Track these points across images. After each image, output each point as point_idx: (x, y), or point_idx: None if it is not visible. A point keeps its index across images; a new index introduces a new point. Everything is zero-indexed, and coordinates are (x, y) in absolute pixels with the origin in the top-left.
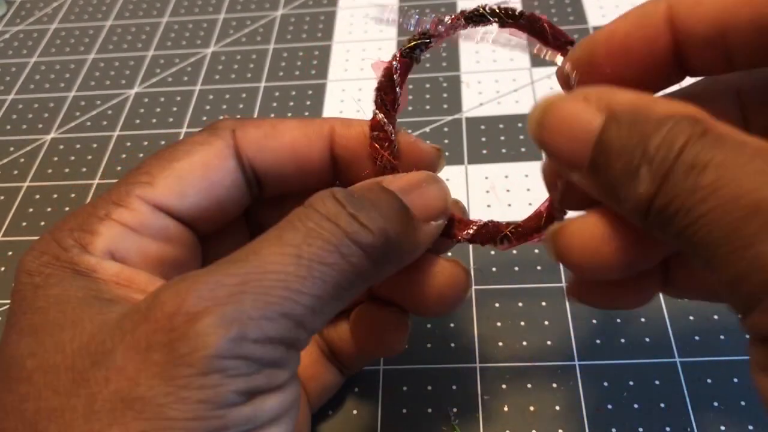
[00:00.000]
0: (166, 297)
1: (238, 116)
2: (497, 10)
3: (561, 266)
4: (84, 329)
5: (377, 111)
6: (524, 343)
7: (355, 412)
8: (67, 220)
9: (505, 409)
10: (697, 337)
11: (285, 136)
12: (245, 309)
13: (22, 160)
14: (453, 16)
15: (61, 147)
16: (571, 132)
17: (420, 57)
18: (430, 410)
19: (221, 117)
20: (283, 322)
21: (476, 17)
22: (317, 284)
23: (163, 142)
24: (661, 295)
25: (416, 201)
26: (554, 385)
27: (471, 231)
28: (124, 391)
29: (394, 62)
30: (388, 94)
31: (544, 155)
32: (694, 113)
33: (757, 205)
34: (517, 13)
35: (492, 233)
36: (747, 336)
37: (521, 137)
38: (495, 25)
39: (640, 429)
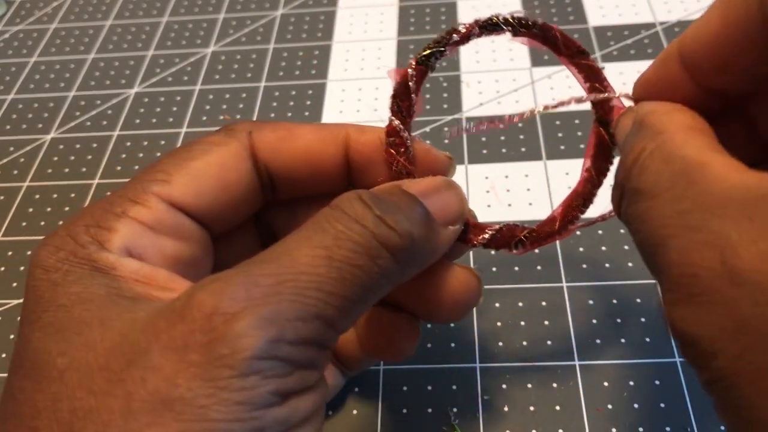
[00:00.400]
0: (203, 297)
1: (238, 116)
2: (510, 20)
3: (561, 266)
4: (113, 328)
5: (393, 117)
6: (524, 343)
7: (355, 412)
8: (82, 217)
9: (506, 409)
10: None
11: (301, 140)
12: (282, 310)
13: (22, 159)
14: (467, 25)
15: (61, 147)
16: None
17: (435, 65)
18: (430, 410)
19: (221, 117)
20: (317, 324)
21: (490, 26)
22: (348, 286)
23: (163, 142)
24: (660, 295)
25: (435, 205)
26: (554, 385)
27: (486, 236)
28: (162, 391)
29: (409, 69)
30: (404, 101)
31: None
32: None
33: None
34: (530, 23)
35: (507, 238)
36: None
37: (521, 137)
38: (508, 34)
39: (640, 429)
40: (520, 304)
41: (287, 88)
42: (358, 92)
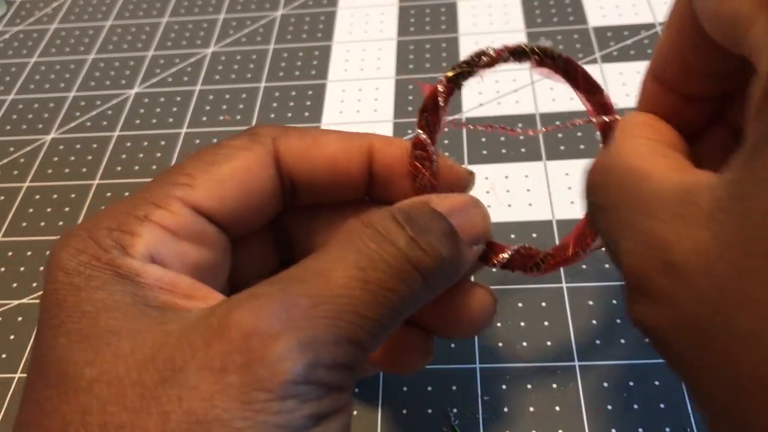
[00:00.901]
0: (240, 316)
1: (238, 117)
2: (537, 49)
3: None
4: (143, 340)
5: (421, 131)
6: (524, 343)
7: (355, 412)
8: (103, 218)
9: (505, 409)
10: None
11: (326, 149)
12: (319, 334)
13: (22, 160)
14: (497, 50)
15: (61, 147)
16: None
17: (462, 84)
18: (430, 411)
19: (221, 117)
20: (350, 348)
21: (519, 53)
22: (380, 309)
23: (163, 143)
24: None
25: (461, 224)
26: (554, 386)
27: (506, 256)
28: (199, 412)
29: (439, 86)
30: (432, 116)
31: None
32: None
33: None
34: (555, 55)
35: (524, 260)
36: None
37: (521, 137)
38: (534, 62)
39: (640, 429)
40: (520, 304)
41: (287, 89)
42: (358, 92)
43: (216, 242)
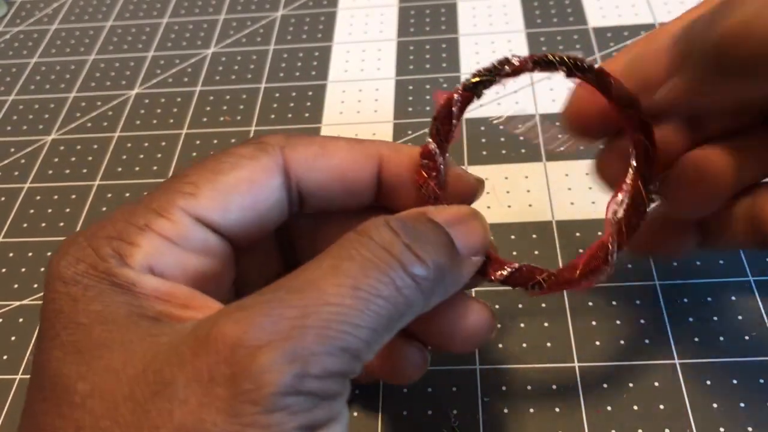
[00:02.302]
0: (227, 327)
1: (239, 118)
2: (566, 59)
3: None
4: (135, 353)
5: (430, 140)
6: (524, 345)
7: (355, 414)
8: (103, 226)
9: (505, 410)
10: (696, 339)
11: (335, 157)
12: (307, 344)
13: (22, 161)
14: (521, 59)
15: (62, 148)
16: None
17: (482, 93)
18: (430, 412)
19: (221, 118)
20: (343, 356)
21: (544, 63)
22: (373, 317)
23: (163, 143)
24: (661, 297)
25: (460, 235)
26: (554, 387)
27: (505, 272)
28: (188, 425)
29: (455, 94)
30: (444, 124)
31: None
32: None
33: None
34: (586, 66)
35: (525, 278)
36: None
37: (521, 138)
38: (562, 74)
39: (640, 430)
40: (520, 306)
41: (287, 89)
42: (358, 93)
43: (218, 252)
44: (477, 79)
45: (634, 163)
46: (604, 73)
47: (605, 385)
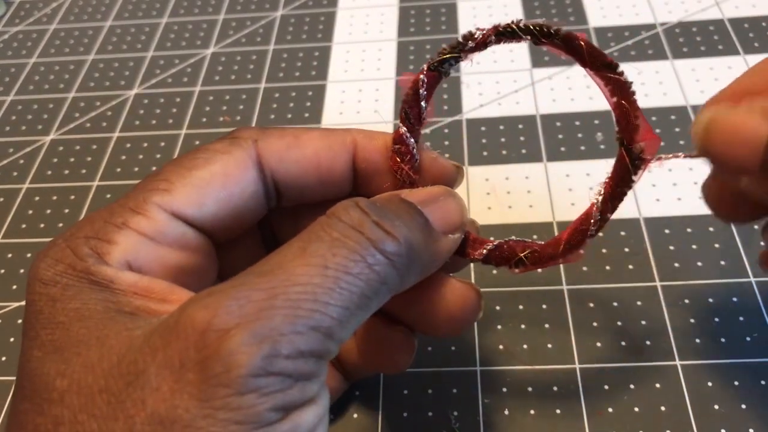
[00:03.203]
0: (195, 313)
1: (238, 118)
2: (531, 27)
3: (561, 269)
4: (111, 347)
5: (401, 124)
6: (525, 346)
7: (355, 415)
8: (82, 227)
9: (506, 412)
10: (697, 340)
11: (308, 147)
12: (276, 324)
13: (21, 161)
14: (485, 32)
15: (61, 148)
16: (740, 139)
17: (449, 71)
18: (430, 414)
19: (221, 119)
20: (314, 335)
21: (509, 33)
22: (344, 295)
23: (162, 144)
24: (662, 298)
25: (434, 213)
26: (555, 389)
27: (485, 251)
28: (161, 413)
29: (421, 76)
30: (412, 107)
31: (708, 170)
32: None
33: None
34: (552, 31)
35: (507, 255)
36: None
37: (522, 139)
38: (529, 42)
39: None
40: (521, 307)
41: (287, 90)
42: (358, 93)
43: (198, 246)
44: (442, 57)
45: (616, 129)
46: (572, 37)
47: (606, 387)
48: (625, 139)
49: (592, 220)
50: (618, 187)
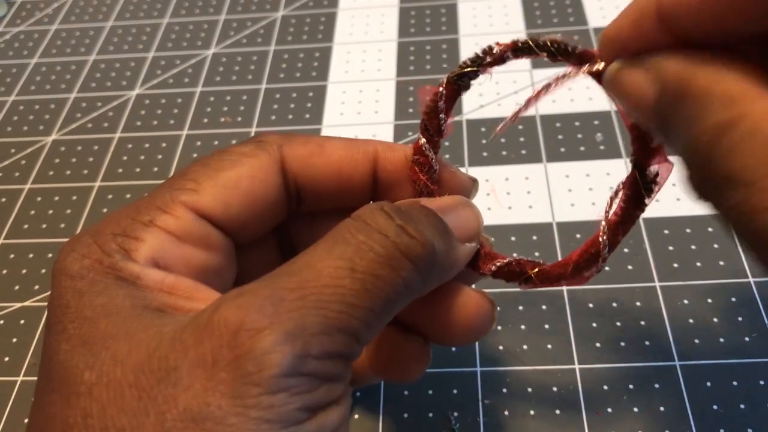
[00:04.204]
0: (228, 312)
1: (239, 119)
2: (548, 44)
3: None
4: (140, 342)
5: (421, 136)
6: (525, 347)
7: (356, 416)
8: (109, 223)
9: (506, 413)
10: (696, 340)
11: (331, 156)
12: (306, 325)
13: (23, 162)
14: (503, 46)
15: (63, 149)
16: (635, 96)
17: (469, 84)
18: (431, 414)
19: (222, 119)
20: (341, 337)
21: (526, 49)
22: (370, 297)
23: (164, 144)
24: (661, 299)
25: (453, 221)
26: (554, 389)
27: (495, 267)
28: (194, 410)
29: (440, 89)
30: (432, 120)
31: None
32: (730, 92)
33: None
34: (569, 49)
35: (516, 272)
36: None
37: (521, 139)
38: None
39: None
40: (521, 307)
41: (288, 90)
42: (359, 94)
43: (221, 246)
44: (462, 71)
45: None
46: (589, 55)
47: (605, 387)
48: (640, 161)
49: (601, 249)
50: (629, 210)
